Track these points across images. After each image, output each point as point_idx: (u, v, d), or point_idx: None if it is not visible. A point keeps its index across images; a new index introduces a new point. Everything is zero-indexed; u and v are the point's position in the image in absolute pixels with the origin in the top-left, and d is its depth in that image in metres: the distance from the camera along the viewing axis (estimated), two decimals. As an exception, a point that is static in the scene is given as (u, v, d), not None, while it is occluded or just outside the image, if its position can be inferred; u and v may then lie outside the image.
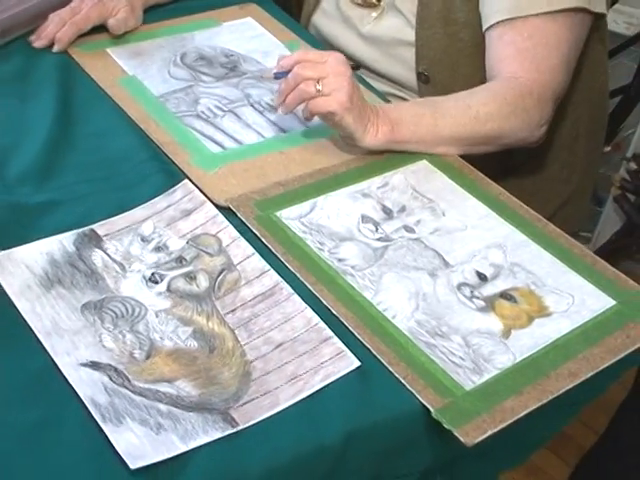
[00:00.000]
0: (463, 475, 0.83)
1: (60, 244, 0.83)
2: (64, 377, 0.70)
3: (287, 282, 0.82)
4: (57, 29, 1.13)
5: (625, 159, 2.03)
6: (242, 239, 0.86)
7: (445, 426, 0.70)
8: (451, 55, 1.15)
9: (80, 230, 0.85)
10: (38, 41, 1.13)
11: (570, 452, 1.53)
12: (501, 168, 1.21)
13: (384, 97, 1.15)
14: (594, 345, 0.80)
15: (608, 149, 2.14)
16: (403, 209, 0.94)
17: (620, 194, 2.03)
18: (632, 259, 2.06)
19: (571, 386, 0.76)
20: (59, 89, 1.05)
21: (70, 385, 0.69)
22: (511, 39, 1.07)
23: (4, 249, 0.82)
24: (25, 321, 0.75)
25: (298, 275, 0.83)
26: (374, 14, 1.23)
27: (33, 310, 0.76)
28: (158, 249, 0.84)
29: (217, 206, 0.90)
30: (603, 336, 0.81)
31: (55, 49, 1.13)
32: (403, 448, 0.74)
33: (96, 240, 0.85)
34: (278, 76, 0.97)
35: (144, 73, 1.11)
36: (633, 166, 2.00)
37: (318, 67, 0.94)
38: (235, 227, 0.87)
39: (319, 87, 0.93)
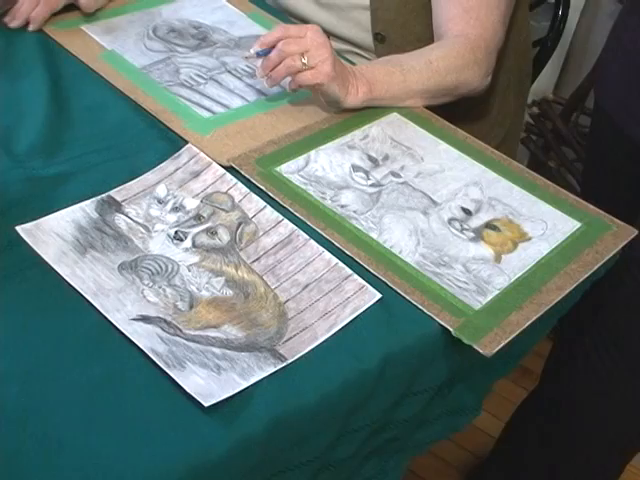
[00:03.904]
0: (465, 388, 0.86)
1: (83, 212, 0.81)
2: (118, 332, 0.69)
3: (300, 229, 0.83)
4: (31, 9, 1.08)
5: (527, 105, 2.10)
6: (252, 194, 0.85)
7: (465, 342, 0.73)
8: (404, 15, 1.16)
9: (99, 197, 0.83)
10: (13, 21, 1.08)
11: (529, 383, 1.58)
12: (451, 116, 1.24)
13: (343, 57, 1.15)
14: (571, 262, 0.84)
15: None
16: (387, 157, 0.95)
17: (526, 136, 2.10)
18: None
19: (561, 297, 0.80)
20: (46, 67, 1.00)
21: (125, 339, 0.68)
22: (458, 0, 1.09)
23: (31, 220, 0.79)
24: (68, 285, 0.73)
25: (308, 222, 0.84)
26: None
27: (74, 274, 0.74)
28: (176, 209, 0.83)
29: (219, 166, 0.89)
30: (577, 253, 0.85)
31: (30, 28, 1.08)
32: (427, 366, 0.76)
33: (116, 205, 0.83)
34: (260, 54, 0.95)
35: (122, 47, 1.08)
36: (536, 110, 2.07)
37: (300, 42, 0.94)
38: (242, 184, 0.87)
39: (305, 60, 0.93)
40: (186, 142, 0.92)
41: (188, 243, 0.80)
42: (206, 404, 0.63)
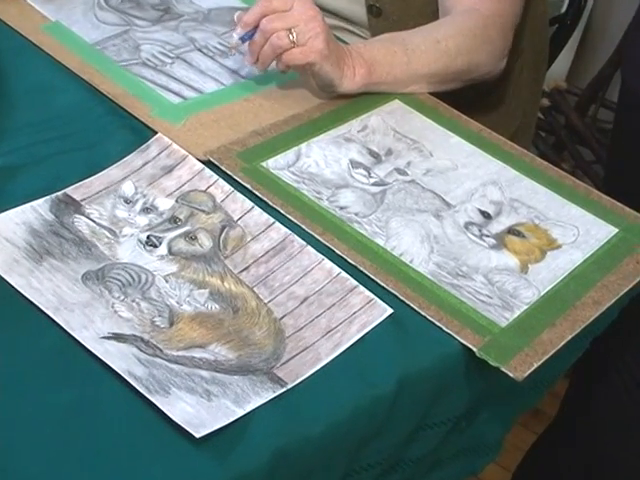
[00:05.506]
0: (485, 420, 0.92)
1: (36, 212, 0.84)
2: (86, 352, 0.72)
3: (294, 234, 0.87)
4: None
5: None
6: (237, 193, 0.89)
7: (491, 363, 0.78)
8: (401, -14, 1.22)
9: (53, 195, 0.86)
10: None
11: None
12: (454, 105, 1.30)
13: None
14: (609, 273, 0.90)
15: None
16: (390, 152, 1.00)
17: (534, 133, 2.18)
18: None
19: (598, 314, 0.86)
20: (-23, 40, 1.04)
21: (96, 360, 0.72)
22: None
23: (-27, 222, 0.82)
24: (23, 297, 0.76)
25: (303, 226, 0.88)
26: None
27: (30, 285, 0.77)
28: (146, 210, 0.87)
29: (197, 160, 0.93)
30: (615, 263, 0.91)
31: (-47, -7, 1.11)
32: (445, 392, 0.81)
33: (74, 205, 0.86)
34: (245, 39, 1.00)
35: (69, 19, 1.12)
36: (546, 102, 2.15)
37: (286, 15, 0.98)
38: (223, 181, 0.91)
39: (292, 37, 0.98)
40: (154, 132, 0.96)
41: (163, 250, 0.84)
42: (197, 435, 0.67)
